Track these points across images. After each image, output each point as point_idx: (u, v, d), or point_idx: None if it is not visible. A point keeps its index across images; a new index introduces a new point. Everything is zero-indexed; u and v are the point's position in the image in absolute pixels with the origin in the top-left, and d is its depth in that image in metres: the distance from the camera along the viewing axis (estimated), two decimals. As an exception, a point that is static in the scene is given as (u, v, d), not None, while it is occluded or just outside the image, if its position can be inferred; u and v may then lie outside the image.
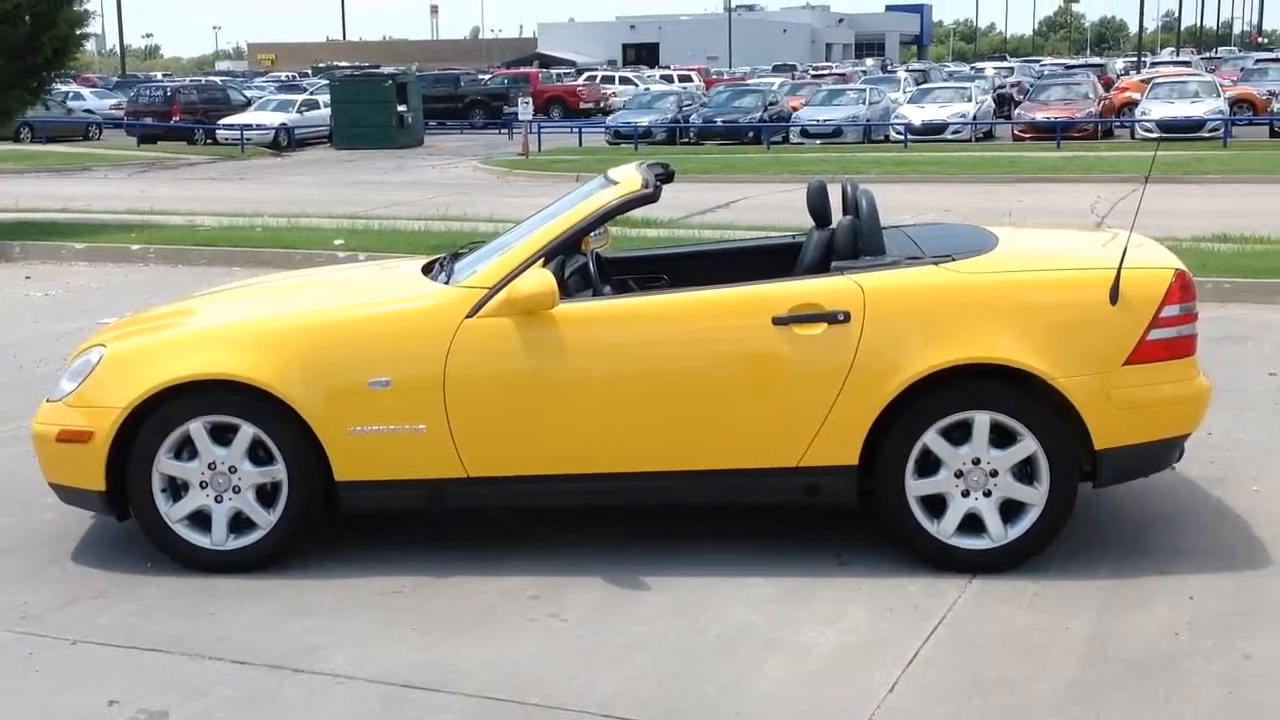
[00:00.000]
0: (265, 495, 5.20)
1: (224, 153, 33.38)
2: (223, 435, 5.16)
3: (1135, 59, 66.02)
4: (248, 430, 5.13)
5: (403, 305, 5.34)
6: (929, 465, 5.06)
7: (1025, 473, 5.05)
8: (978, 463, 5.02)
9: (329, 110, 36.24)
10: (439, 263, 5.95)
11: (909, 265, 5.19)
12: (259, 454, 5.17)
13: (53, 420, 5.32)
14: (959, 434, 5.03)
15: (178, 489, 5.22)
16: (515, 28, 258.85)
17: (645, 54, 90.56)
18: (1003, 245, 5.43)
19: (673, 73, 59.40)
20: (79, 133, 38.64)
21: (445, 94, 44.32)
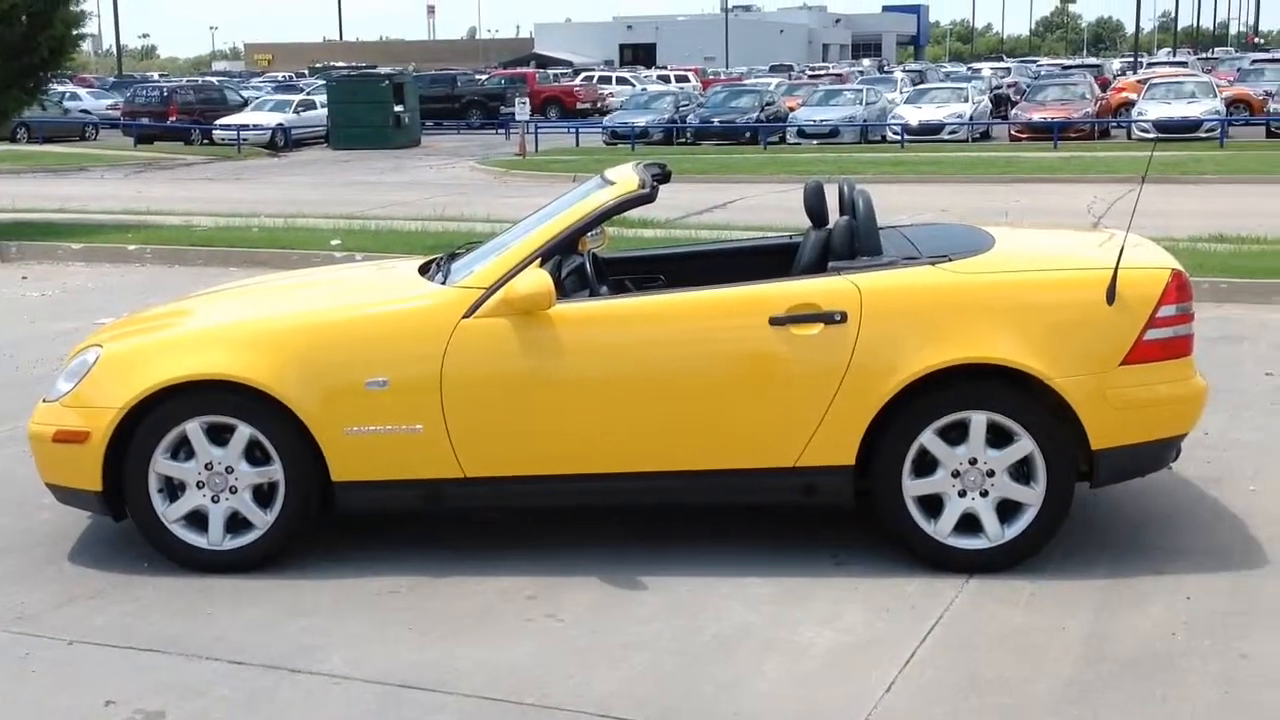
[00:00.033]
0: (262, 495, 5.20)
1: (220, 153, 33.35)
2: (219, 435, 5.16)
3: (1132, 59, 66.08)
4: (244, 430, 5.12)
5: (399, 305, 5.34)
6: (926, 465, 5.06)
7: (1022, 473, 5.05)
8: (975, 463, 5.02)
9: (326, 110, 36.20)
10: (436, 263, 5.95)
11: (906, 265, 5.19)
12: (256, 454, 5.16)
13: (49, 420, 5.32)
14: (956, 434, 5.03)
15: (174, 489, 5.22)
16: (512, 28, 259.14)
17: (642, 54, 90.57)
18: (999, 245, 5.44)
19: (670, 73, 59.37)
20: (75, 133, 38.62)
21: (442, 94, 44.31)
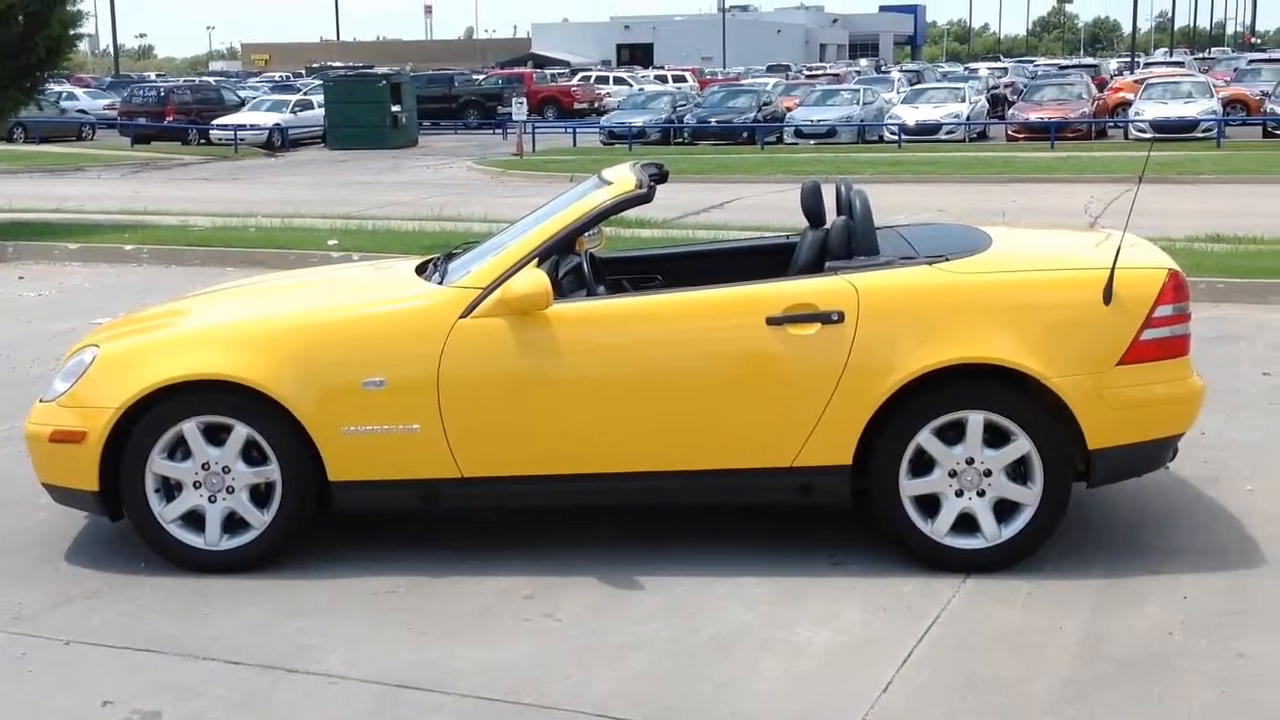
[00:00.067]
0: (259, 495, 5.20)
1: (218, 153, 33.32)
2: (216, 435, 5.16)
3: (1129, 59, 66.14)
4: (241, 430, 5.12)
5: (397, 305, 5.34)
6: (923, 465, 5.06)
7: (1019, 472, 5.05)
8: (971, 462, 5.02)
9: (323, 110, 36.20)
10: (433, 263, 5.94)
11: (903, 265, 5.19)
12: (253, 454, 5.16)
13: (46, 420, 5.32)
14: (953, 434, 5.03)
15: (171, 489, 5.22)
16: (509, 28, 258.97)
17: (639, 54, 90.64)
18: (996, 245, 5.44)
19: (667, 73, 59.38)
20: (72, 133, 38.61)
21: (439, 94, 44.28)
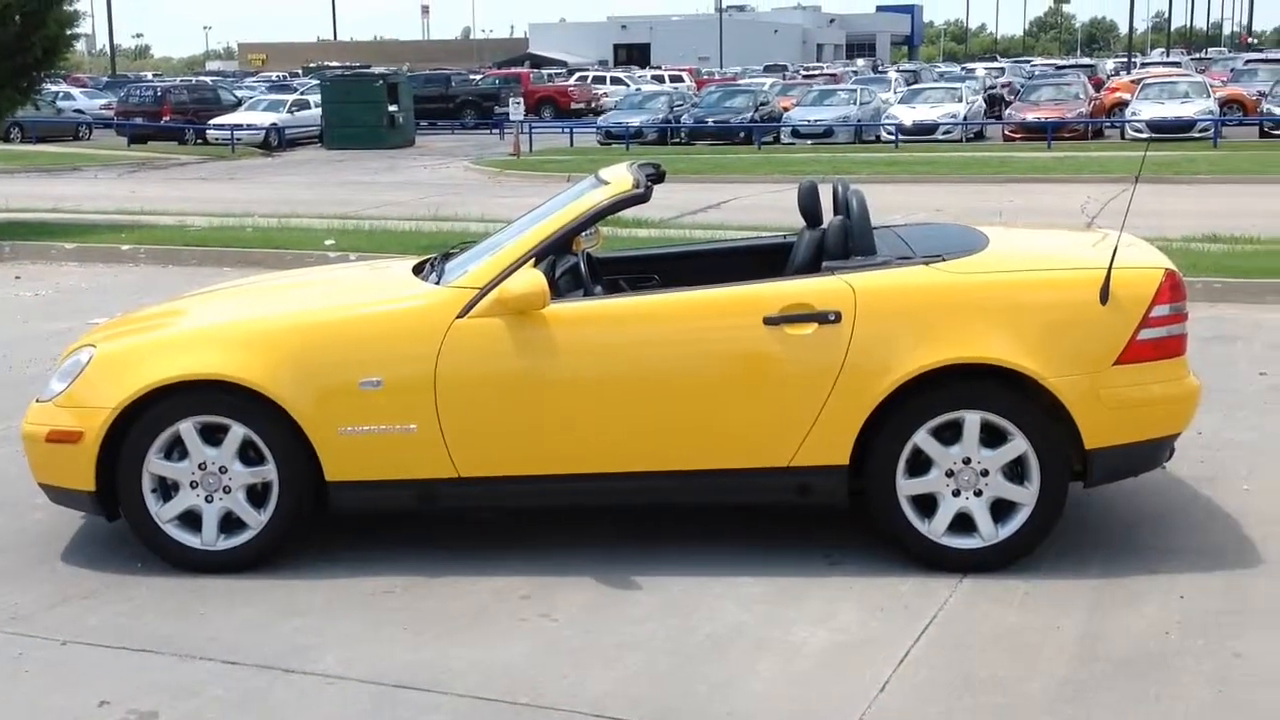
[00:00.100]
0: (256, 495, 5.20)
1: (214, 153, 33.31)
2: (213, 435, 5.15)
3: (1125, 59, 66.21)
4: (238, 430, 5.12)
5: (394, 305, 5.33)
6: (920, 465, 5.07)
7: (1016, 472, 5.05)
8: (968, 462, 5.02)
9: (320, 110, 36.20)
10: (430, 263, 5.94)
11: (900, 265, 5.19)
12: (249, 454, 5.16)
13: (42, 420, 5.31)
14: (950, 434, 5.03)
15: (168, 489, 5.21)
16: (506, 28, 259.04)
17: (636, 54, 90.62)
18: (993, 245, 5.44)
19: (664, 73, 59.39)
20: (69, 133, 38.59)
21: (436, 94, 44.27)
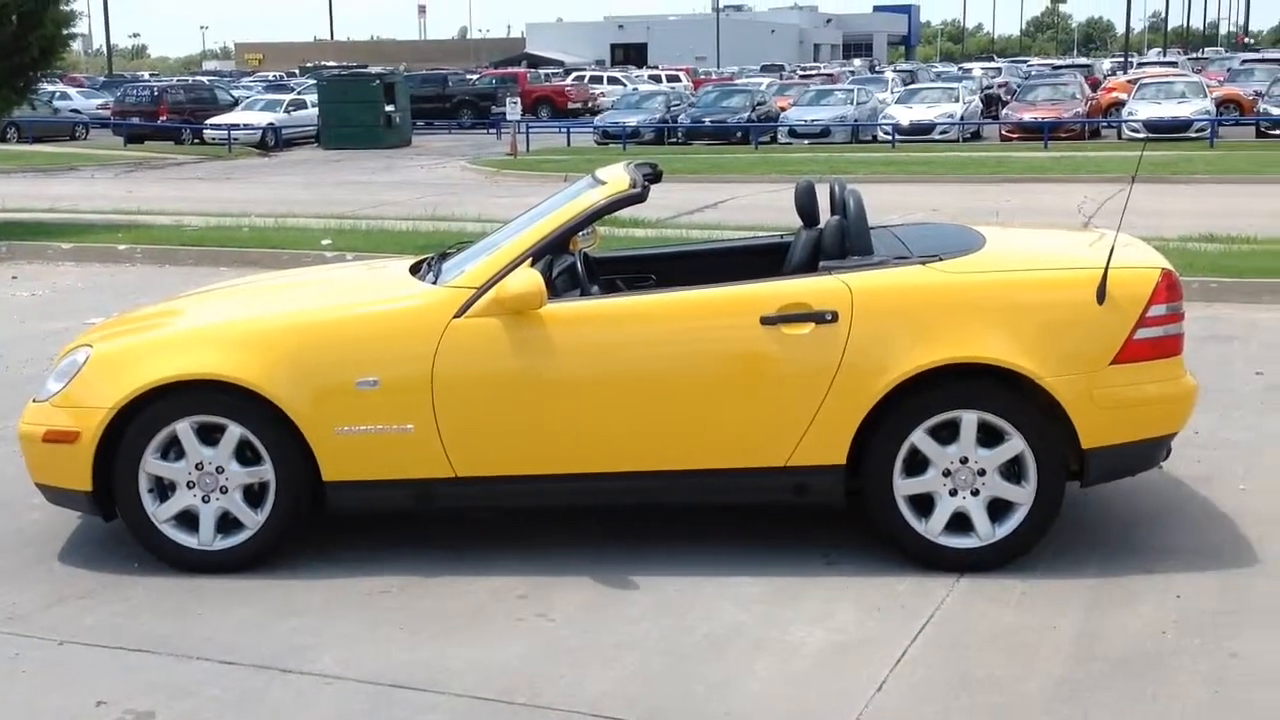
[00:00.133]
0: (253, 495, 5.19)
1: (211, 152, 33.31)
2: (210, 435, 5.15)
3: (1122, 59, 66.19)
4: (235, 430, 5.12)
5: (390, 305, 5.33)
6: (917, 464, 5.07)
7: (1013, 472, 5.06)
8: (965, 462, 5.03)
9: (316, 110, 36.19)
10: (426, 262, 5.94)
11: (897, 265, 5.19)
12: (246, 454, 5.16)
13: (39, 420, 5.31)
14: (947, 433, 5.03)
15: (165, 489, 5.21)
16: (503, 28, 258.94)
17: (633, 54, 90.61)
18: (990, 245, 5.44)
19: (661, 73, 59.40)
20: (65, 132, 38.55)
21: (433, 94, 44.29)
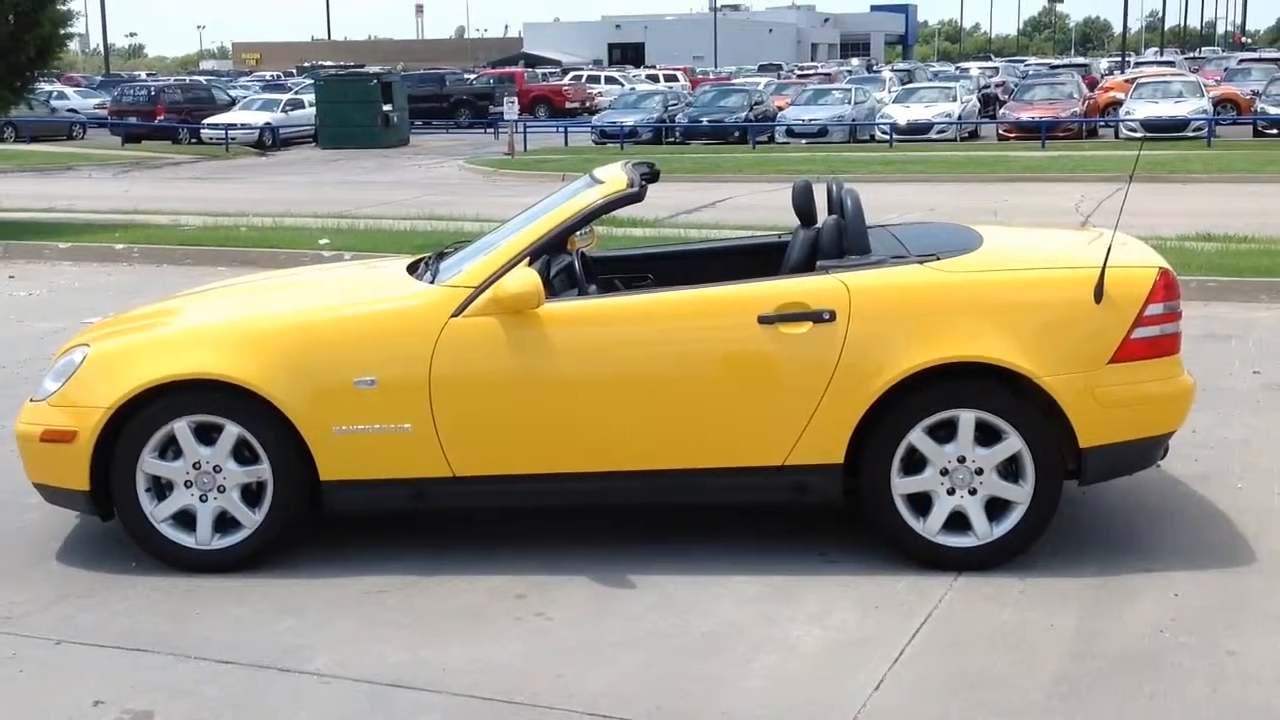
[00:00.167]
0: (250, 495, 5.19)
1: (208, 152, 33.29)
2: (207, 435, 5.15)
3: (1119, 59, 66.24)
4: (232, 430, 5.11)
5: (388, 304, 5.33)
6: (914, 463, 5.07)
7: (1010, 471, 5.06)
8: (963, 461, 5.03)
9: (314, 110, 36.17)
10: (424, 262, 5.94)
11: (894, 264, 5.19)
12: (244, 453, 5.15)
13: (36, 420, 5.30)
14: (944, 432, 5.03)
15: (162, 489, 5.20)
16: (500, 27, 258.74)
17: (631, 54, 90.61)
18: (988, 244, 5.44)
19: (658, 72, 59.41)
20: (63, 132, 38.52)
21: (431, 94, 44.28)
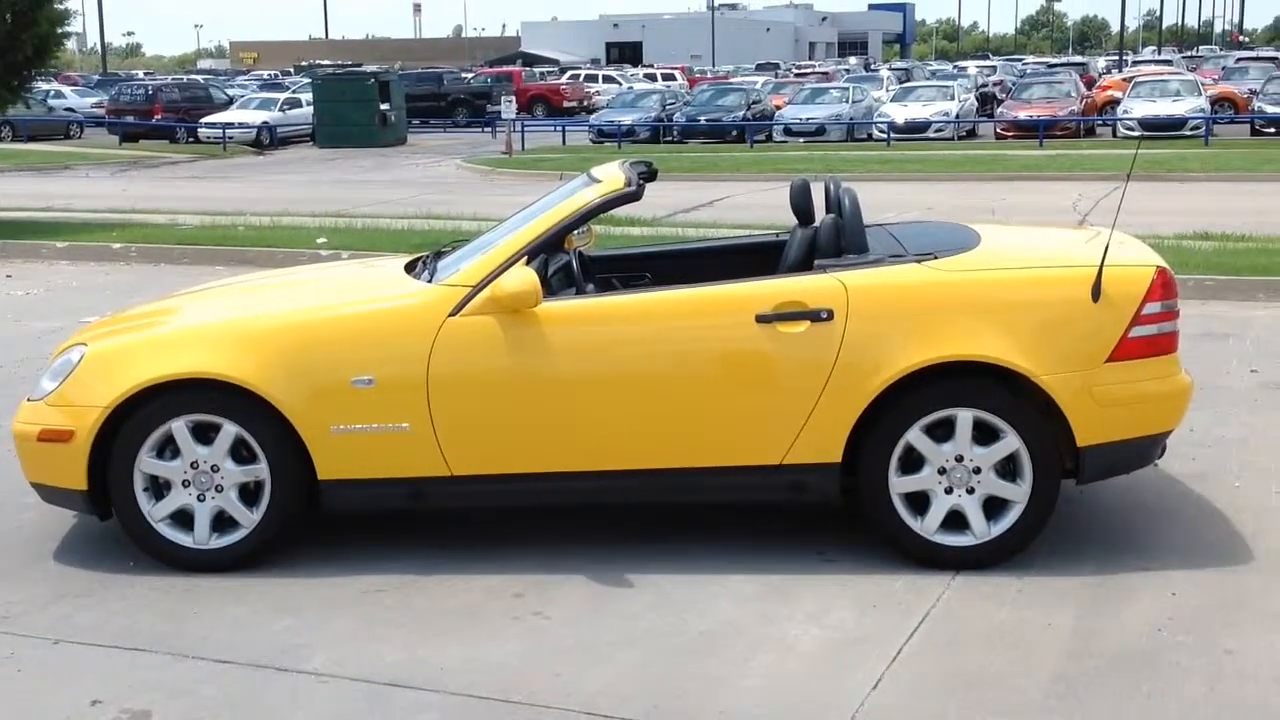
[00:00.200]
0: (248, 494, 5.19)
1: (206, 151, 33.27)
2: (205, 434, 5.14)
3: (1117, 58, 66.22)
4: (230, 429, 5.11)
5: (386, 304, 5.33)
6: (912, 462, 5.07)
7: (1008, 470, 5.06)
8: (961, 460, 5.03)
9: (311, 109, 36.13)
10: (422, 261, 5.94)
11: (892, 263, 5.19)
12: (241, 453, 5.15)
13: (34, 420, 5.30)
14: (942, 431, 5.04)
15: (160, 488, 5.20)
16: (498, 26, 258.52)
17: (628, 52, 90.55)
18: (985, 243, 5.44)
19: (656, 71, 59.36)
20: (60, 131, 38.50)
21: (428, 92, 44.26)
